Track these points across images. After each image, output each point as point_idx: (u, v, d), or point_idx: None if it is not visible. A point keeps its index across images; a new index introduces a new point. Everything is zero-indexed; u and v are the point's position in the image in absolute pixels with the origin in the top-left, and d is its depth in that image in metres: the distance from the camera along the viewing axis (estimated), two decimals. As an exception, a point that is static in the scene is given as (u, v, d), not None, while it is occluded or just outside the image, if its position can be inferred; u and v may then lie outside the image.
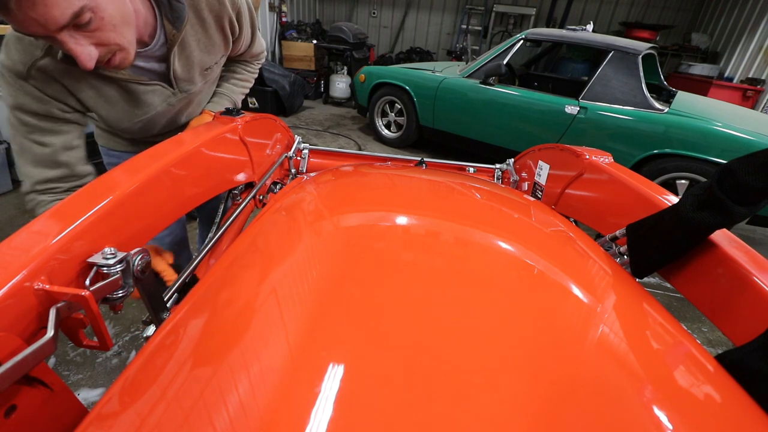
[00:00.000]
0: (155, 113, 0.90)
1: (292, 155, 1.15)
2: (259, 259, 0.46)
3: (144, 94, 0.85)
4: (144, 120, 0.90)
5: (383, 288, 0.38)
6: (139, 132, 0.94)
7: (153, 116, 0.90)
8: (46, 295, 0.37)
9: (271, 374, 0.27)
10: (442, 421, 0.25)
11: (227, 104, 1.10)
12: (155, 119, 0.92)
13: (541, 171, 1.04)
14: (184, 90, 0.92)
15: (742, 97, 5.44)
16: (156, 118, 0.92)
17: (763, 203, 0.47)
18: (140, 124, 0.90)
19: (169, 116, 0.96)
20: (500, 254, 0.48)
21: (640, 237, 0.59)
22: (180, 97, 0.92)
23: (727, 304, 0.51)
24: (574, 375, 0.31)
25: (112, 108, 0.82)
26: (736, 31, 6.03)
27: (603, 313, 0.40)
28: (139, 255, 0.46)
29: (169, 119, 0.97)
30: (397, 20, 8.10)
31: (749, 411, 0.33)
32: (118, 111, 0.84)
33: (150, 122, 0.92)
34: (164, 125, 0.98)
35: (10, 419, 0.33)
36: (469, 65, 3.68)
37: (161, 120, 0.95)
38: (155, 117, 0.91)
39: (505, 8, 7.34)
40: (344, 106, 5.82)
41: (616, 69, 2.90)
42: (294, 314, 0.34)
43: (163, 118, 0.95)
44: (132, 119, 0.87)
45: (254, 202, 0.93)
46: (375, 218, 0.54)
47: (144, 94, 0.85)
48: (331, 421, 0.24)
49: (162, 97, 0.88)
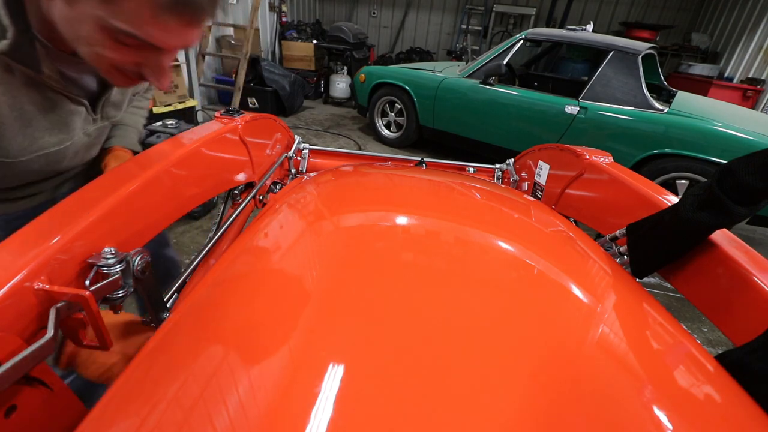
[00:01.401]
0: (70, 143, 0.69)
1: (292, 155, 1.15)
2: (259, 260, 0.46)
3: (69, 115, 0.66)
4: (52, 152, 0.67)
5: (384, 288, 0.38)
6: (28, 174, 0.69)
7: (65, 148, 0.69)
8: (46, 295, 0.37)
9: (272, 374, 0.27)
10: (442, 420, 0.25)
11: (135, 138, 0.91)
12: (64, 154, 0.70)
13: (541, 171, 1.04)
14: (107, 117, 0.75)
15: (742, 97, 5.44)
16: (66, 152, 0.70)
17: (763, 203, 0.47)
18: (43, 159, 0.67)
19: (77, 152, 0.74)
20: (500, 254, 0.48)
21: (640, 237, 0.59)
22: (100, 125, 0.75)
23: (727, 304, 0.51)
24: (574, 375, 0.31)
25: (22, 127, 0.60)
26: (736, 31, 6.03)
27: (603, 313, 0.40)
28: (139, 255, 0.46)
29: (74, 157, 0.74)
30: (397, 20, 8.10)
31: (749, 411, 0.33)
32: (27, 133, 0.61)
33: (56, 156, 0.69)
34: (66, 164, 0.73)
35: (10, 419, 0.33)
36: (469, 65, 3.68)
37: (68, 156, 0.72)
38: (66, 150, 0.70)
39: (505, 8, 7.34)
40: (344, 106, 5.82)
41: (616, 69, 2.90)
42: (295, 314, 0.34)
43: (70, 153, 0.72)
44: (39, 148, 0.64)
45: (254, 202, 0.93)
46: (375, 218, 0.54)
47: (69, 115, 0.66)
48: (332, 422, 0.24)
49: (81, 122, 0.70)
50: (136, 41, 0.50)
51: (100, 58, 0.53)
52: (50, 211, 0.44)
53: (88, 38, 0.51)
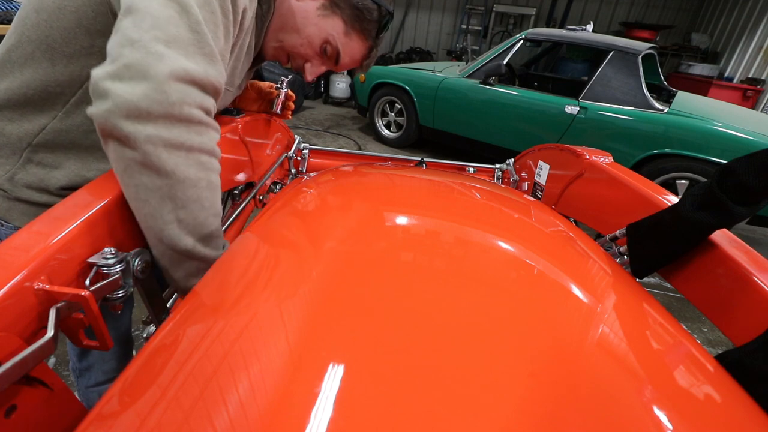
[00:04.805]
0: (232, 90, 0.77)
1: (292, 155, 1.15)
2: (260, 259, 0.46)
3: (240, 73, 0.75)
4: (229, 93, 0.77)
5: (384, 288, 0.38)
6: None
7: (231, 93, 0.79)
8: (46, 295, 0.37)
9: (272, 374, 0.27)
10: (443, 420, 0.25)
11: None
12: (226, 99, 0.81)
13: (541, 171, 1.04)
14: (240, 88, 0.84)
15: (742, 97, 5.45)
16: (226, 97, 0.79)
17: (763, 203, 0.47)
18: (229, 96, 0.79)
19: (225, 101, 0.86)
20: (500, 254, 0.48)
21: (640, 237, 0.59)
22: (235, 93, 0.83)
23: (727, 304, 0.51)
24: (574, 375, 0.31)
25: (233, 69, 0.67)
26: (736, 31, 6.03)
27: (603, 313, 0.40)
28: (139, 255, 0.46)
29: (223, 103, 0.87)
30: (397, 20, 8.10)
31: (749, 411, 0.33)
32: (234, 74, 0.70)
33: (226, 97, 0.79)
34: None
35: (10, 419, 0.33)
36: (469, 65, 3.68)
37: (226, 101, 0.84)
38: (227, 95, 0.78)
39: (505, 8, 7.34)
40: (344, 106, 5.82)
41: (616, 69, 2.90)
42: (295, 314, 0.34)
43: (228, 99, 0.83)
44: (230, 84, 0.73)
45: (254, 202, 0.93)
46: (375, 218, 0.54)
47: (240, 73, 0.75)
48: (332, 422, 0.24)
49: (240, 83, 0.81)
50: (334, 54, 0.73)
51: (302, 55, 0.74)
52: (50, 211, 0.44)
53: (310, 38, 0.70)
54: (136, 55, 0.41)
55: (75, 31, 0.54)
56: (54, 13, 0.53)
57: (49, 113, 0.57)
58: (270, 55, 0.76)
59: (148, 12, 0.42)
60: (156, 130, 0.42)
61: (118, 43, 0.42)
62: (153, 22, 0.42)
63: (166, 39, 0.42)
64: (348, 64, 0.77)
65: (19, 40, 0.55)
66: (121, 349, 0.81)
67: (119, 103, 0.40)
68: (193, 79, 0.44)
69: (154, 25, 0.42)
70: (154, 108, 0.41)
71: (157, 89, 0.41)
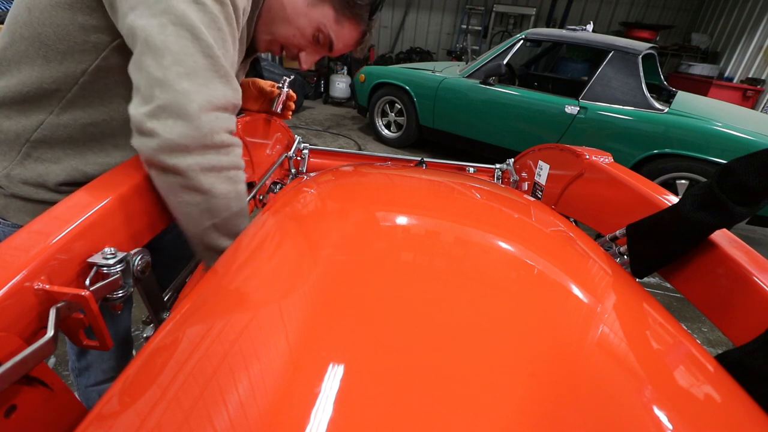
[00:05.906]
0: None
1: (292, 155, 1.15)
2: (259, 259, 0.46)
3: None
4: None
5: (384, 288, 0.38)
6: None
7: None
8: (46, 295, 0.37)
9: (272, 374, 0.27)
10: (443, 420, 0.25)
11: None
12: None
13: (541, 171, 1.04)
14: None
15: (742, 97, 5.45)
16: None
17: (763, 203, 0.47)
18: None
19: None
20: (500, 254, 0.48)
21: (640, 237, 0.59)
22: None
23: (727, 304, 0.51)
24: (574, 375, 0.31)
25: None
26: (736, 31, 6.04)
27: (603, 313, 0.40)
28: (139, 255, 0.46)
29: None
30: (397, 20, 8.10)
31: (749, 411, 0.33)
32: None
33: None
34: None
35: (10, 419, 0.33)
36: (469, 65, 3.69)
37: None
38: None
39: (505, 8, 7.34)
40: (344, 106, 5.82)
41: (616, 69, 2.91)
42: (295, 314, 0.34)
43: None
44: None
45: (254, 202, 0.93)
46: (375, 218, 0.54)
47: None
48: (332, 422, 0.24)
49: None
50: (327, 42, 0.73)
51: (295, 45, 0.73)
52: (50, 211, 0.44)
53: (301, 29, 0.70)
54: (167, 96, 0.47)
55: (68, 28, 0.54)
56: (46, 10, 0.53)
57: (46, 109, 0.58)
58: (263, 48, 0.76)
59: (166, 48, 0.47)
60: (194, 160, 0.50)
61: (146, 83, 0.47)
62: (173, 58, 0.47)
63: (187, 73, 0.48)
64: (342, 50, 0.78)
65: (12, 38, 0.55)
66: (121, 349, 0.81)
67: (162, 142, 0.47)
68: (217, 107, 0.51)
69: (174, 62, 0.47)
70: (190, 142, 0.48)
71: (191, 126, 0.48)
